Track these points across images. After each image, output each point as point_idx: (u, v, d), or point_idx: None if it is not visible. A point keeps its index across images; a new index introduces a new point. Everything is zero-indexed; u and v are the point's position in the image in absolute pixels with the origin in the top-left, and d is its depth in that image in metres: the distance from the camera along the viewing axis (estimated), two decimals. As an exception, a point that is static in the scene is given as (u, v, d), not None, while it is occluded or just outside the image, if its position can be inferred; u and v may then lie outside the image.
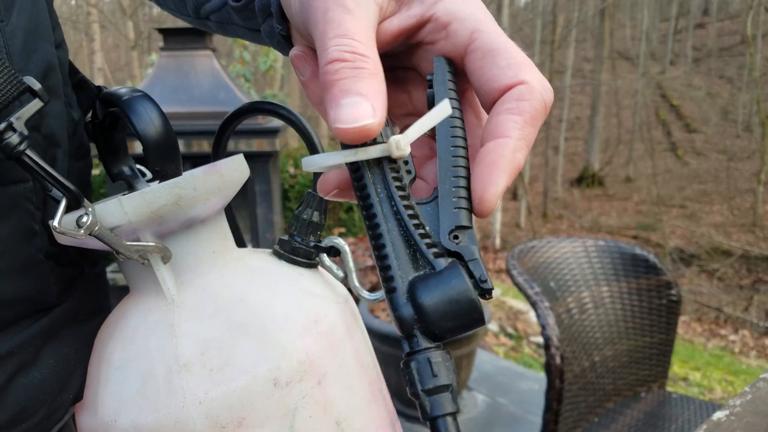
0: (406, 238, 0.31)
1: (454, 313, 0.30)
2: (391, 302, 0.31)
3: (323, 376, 0.41)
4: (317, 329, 0.42)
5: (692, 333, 7.40)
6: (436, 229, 0.31)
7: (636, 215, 19.35)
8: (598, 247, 1.94)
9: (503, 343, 4.36)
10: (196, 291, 0.43)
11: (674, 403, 1.87)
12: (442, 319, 0.30)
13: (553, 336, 1.51)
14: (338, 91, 0.29)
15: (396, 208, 0.31)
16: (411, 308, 0.30)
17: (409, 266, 0.31)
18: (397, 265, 0.31)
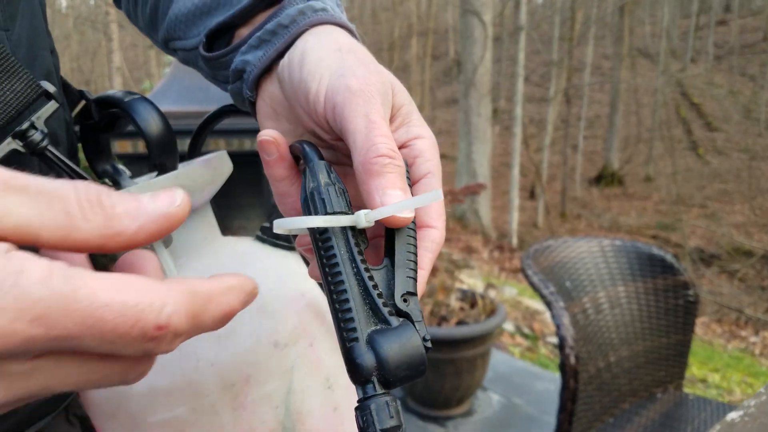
0: (363, 296, 0.35)
1: (408, 365, 0.34)
2: (353, 351, 0.34)
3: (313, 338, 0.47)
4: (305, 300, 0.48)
5: (712, 334, 7.33)
6: (388, 292, 0.36)
7: (656, 215, 19.20)
8: (614, 247, 1.93)
9: (519, 343, 4.34)
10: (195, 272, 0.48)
11: (691, 405, 1.85)
12: (398, 369, 0.33)
13: (568, 336, 1.50)
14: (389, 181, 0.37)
15: (357, 269, 0.36)
16: (372, 357, 0.34)
17: (366, 321, 0.35)
18: (357, 320, 0.34)
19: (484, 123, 11.32)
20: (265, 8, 0.48)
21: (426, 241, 0.40)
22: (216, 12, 0.50)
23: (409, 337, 0.34)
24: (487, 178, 11.71)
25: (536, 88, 27.83)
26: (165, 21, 0.55)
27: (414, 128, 0.43)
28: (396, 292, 0.36)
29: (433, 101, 24.86)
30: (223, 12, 0.49)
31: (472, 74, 10.99)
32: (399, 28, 20.40)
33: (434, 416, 2.87)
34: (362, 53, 0.45)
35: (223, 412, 0.49)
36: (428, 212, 0.41)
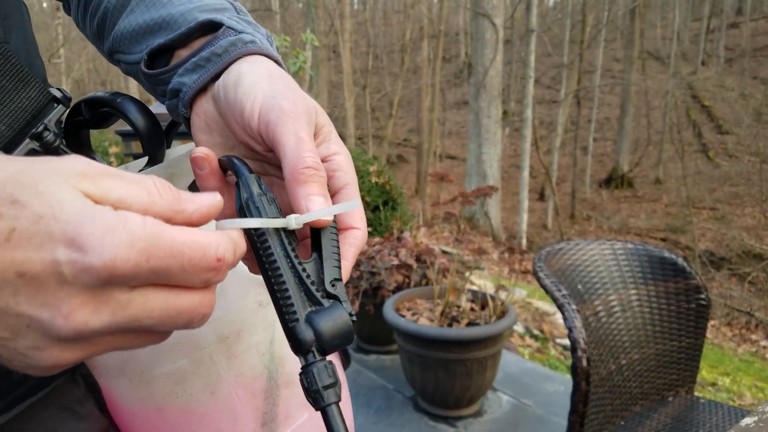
0: (299, 284, 0.42)
1: (340, 335, 0.42)
2: (294, 329, 0.41)
3: None
4: None
5: (722, 338, 7.30)
6: (318, 279, 0.43)
7: (665, 217, 19.13)
8: (626, 250, 1.93)
9: (529, 344, 4.34)
10: None
11: (702, 408, 1.85)
12: (332, 339, 0.41)
13: (580, 339, 1.50)
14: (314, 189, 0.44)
15: (291, 263, 0.42)
16: (311, 332, 0.41)
17: (303, 304, 0.42)
18: (296, 303, 0.41)
19: (494, 125, 11.32)
20: (202, 35, 0.55)
21: (350, 238, 0.48)
22: (158, 33, 0.56)
23: (339, 314, 0.42)
24: (497, 179, 11.71)
25: (547, 90, 27.79)
26: (111, 35, 0.61)
27: (333, 145, 0.50)
28: (325, 279, 0.44)
29: (443, 103, 24.86)
30: (165, 35, 0.56)
31: (482, 76, 10.99)
32: (410, 30, 20.39)
33: (444, 416, 2.88)
34: (290, 81, 0.51)
35: (219, 361, 0.60)
36: (352, 216, 0.49)
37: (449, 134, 27.57)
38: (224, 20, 0.54)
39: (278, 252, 0.42)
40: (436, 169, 20.12)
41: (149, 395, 0.60)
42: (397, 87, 20.08)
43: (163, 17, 0.56)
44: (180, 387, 0.59)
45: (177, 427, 0.61)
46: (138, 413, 0.61)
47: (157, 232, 0.33)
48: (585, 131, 22.27)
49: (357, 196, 0.49)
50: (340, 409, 0.41)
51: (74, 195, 0.32)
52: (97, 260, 0.30)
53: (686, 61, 28.70)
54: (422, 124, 19.37)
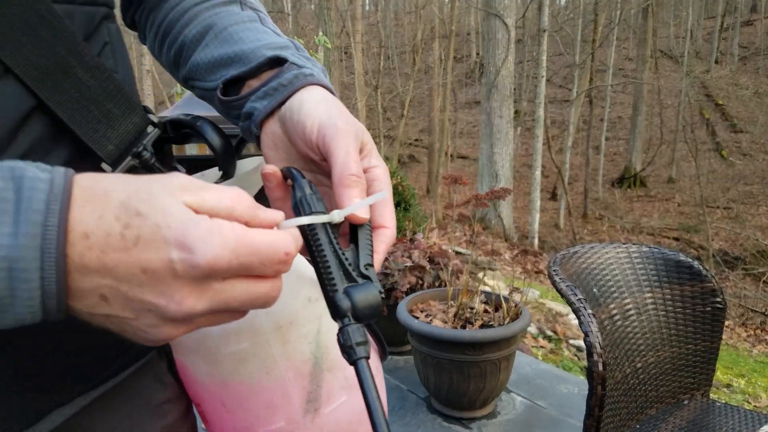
0: (339, 265, 0.52)
1: (370, 307, 0.50)
2: (334, 297, 0.50)
3: None
4: None
5: (736, 338, 7.26)
6: (355, 263, 0.53)
7: (679, 217, 19.02)
8: (641, 253, 1.93)
9: (542, 345, 4.33)
10: None
11: (718, 412, 1.85)
12: (364, 309, 0.50)
13: (596, 343, 1.50)
14: (355, 192, 0.54)
15: (334, 249, 0.52)
16: (348, 301, 0.50)
17: (342, 281, 0.51)
18: (337, 279, 0.51)
19: (506, 125, 11.29)
20: (270, 69, 0.66)
21: (381, 236, 0.57)
22: (231, 66, 0.67)
23: (370, 289, 0.51)
24: (509, 179, 11.68)
25: (559, 89, 27.68)
26: (187, 65, 0.71)
27: (374, 160, 0.60)
28: (360, 263, 0.53)
29: (454, 103, 24.82)
30: (237, 67, 0.66)
31: (494, 76, 10.97)
32: (422, 31, 20.36)
33: (458, 417, 2.88)
34: (341, 106, 0.62)
35: (274, 346, 0.72)
36: (384, 217, 0.58)
37: (461, 134, 27.54)
38: (288, 57, 0.65)
39: (324, 240, 0.52)
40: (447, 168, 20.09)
41: (217, 371, 0.74)
42: (409, 87, 20.08)
43: (235, 53, 0.67)
44: (242, 366, 0.72)
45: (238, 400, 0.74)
46: (207, 386, 0.76)
47: (242, 235, 0.42)
48: (597, 130, 22.17)
49: (390, 200, 0.59)
50: (369, 365, 0.48)
51: (179, 207, 0.41)
52: (201, 258, 0.40)
53: (700, 59, 28.52)
54: (433, 124, 19.38)
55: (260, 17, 0.73)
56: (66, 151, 0.57)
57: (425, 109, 25.92)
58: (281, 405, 0.74)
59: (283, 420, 0.74)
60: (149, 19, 0.78)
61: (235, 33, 0.69)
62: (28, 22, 0.53)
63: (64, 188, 0.40)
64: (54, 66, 0.55)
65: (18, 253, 0.38)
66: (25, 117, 0.53)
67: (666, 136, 23.11)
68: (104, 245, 0.40)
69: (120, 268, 0.40)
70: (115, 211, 0.40)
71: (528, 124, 22.16)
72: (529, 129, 20.78)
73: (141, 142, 0.62)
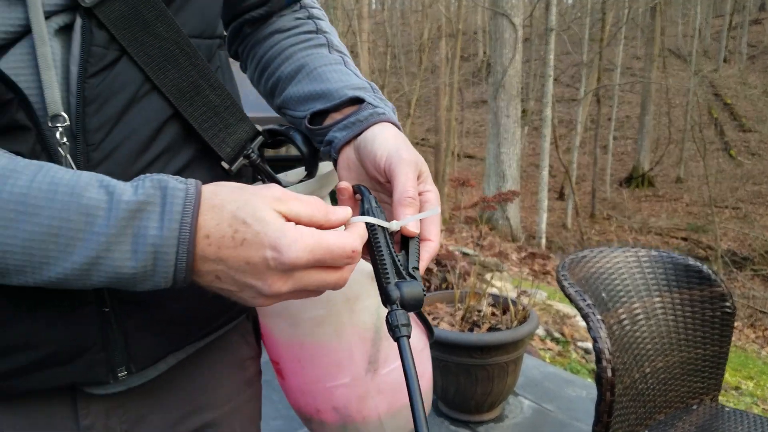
0: (392, 264, 0.64)
1: (415, 300, 0.62)
2: (387, 288, 0.62)
3: None
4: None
5: (745, 340, 7.22)
6: (405, 265, 0.65)
7: (687, 217, 18.95)
8: (650, 258, 1.92)
9: (550, 347, 4.32)
10: None
11: (727, 417, 1.84)
12: (409, 300, 0.61)
13: (605, 349, 1.50)
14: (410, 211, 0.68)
15: (390, 251, 0.64)
16: (397, 292, 0.61)
17: (393, 276, 0.63)
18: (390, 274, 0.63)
19: (513, 124, 11.27)
20: (350, 105, 0.81)
21: (427, 247, 0.70)
22: (318, 101, 0.82)
23: (416, 286, 0.63)
24: (516, 179, 11.66)
25: (566, 88, 27.61)
26: (281, 96, 0.87)
27: (428, 185, 0.74)
28: (409, 266, 0.65)
29: (461, 102, 24.77)
30: (323, 102, 0.82)
31: (501, 76, 10.95)
32: (428, 30, 20.34)
33: (465, 421, 2.88)
34: (406, 140, 0.77)
35: (344, 314, 0.86)
36: (430, 233, 0.71)
37: (467, 133, 27.49)
38: (366, 98, 0.80)
39: (383, 242, 0.64)
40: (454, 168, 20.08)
41: (296, 333, 0.89)
42: (415, 86, 20.07)
43: (323, 90, 0.82)
44: (318, 329, 0.87)
45: (312, 358, 0.89)
46: (287, 345, 0.91)
47: (318, 238, 0.56)
48: (605, 130, 22.10)
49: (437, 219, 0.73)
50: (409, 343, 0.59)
51: (273, 216, 0.56)
52: (287, 258, 0.54)
53: (708, 58, 28.41)
54: (440, 123, 19.34)
55: (344, 60, 0.88)
56: (192, 150, 0.73)
57: (432, 109, 25.89)
58: (347, 364, 0.88)
59: (348, 377, 0.89)
60: (251, 53, 0.94)
61: (324, 73, 0.84)
62: (172, 53, 0.68)
63: (195, 197, 0.55)
64: (189, 86, 0.70)
65: (162, 242, 0.54)
66: (163, 123, 0.69)
67: (674, 135, 23.02)
68: (220, 243, 0.55)
69: (230, 260, 0.56)
70: (228, 220, 0.55)
71: (535, 123, 22.10)
72: (537, 128, 20.72)
73: (250, 146, 0.79)
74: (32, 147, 0.60)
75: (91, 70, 0.62)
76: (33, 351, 0.63)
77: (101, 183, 0.55)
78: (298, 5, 0.94)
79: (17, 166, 0.53)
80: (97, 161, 0.63)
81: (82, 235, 0.53)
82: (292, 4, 0.93)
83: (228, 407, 0.86)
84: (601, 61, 19.53)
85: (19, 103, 0.58)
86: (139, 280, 0.55)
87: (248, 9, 0.89)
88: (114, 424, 0.73)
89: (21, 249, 0.52)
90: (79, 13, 0.61)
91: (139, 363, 0.71)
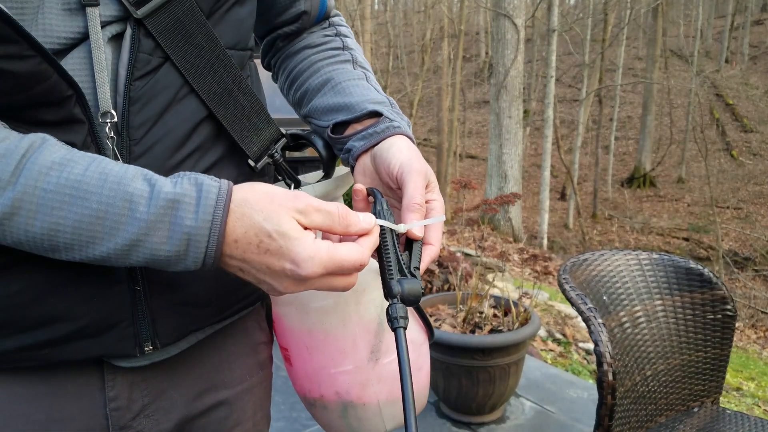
0: (397, 262, 0.70)
1: (413, 296, 0.68)
2: (390, 282, 0.68)
3: None
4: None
5: (746, 340, 7.22)
6: (407, 263, 0.71)
7: (688, 217, 18.93)
8: (651, 261, 1.92)
9: (551, 348, 4.32)
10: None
11: (728, 420, 1.84)
12: (409, 295, 0.67)
13: (606, 353, 1.50)
14: (416, 216, 0.75)
15: (396, 250, 0.71)
16: (399, 287, 0.67)
17: (397, 273, 0.69)
18: (394, 271, 0.69)
19: (515, 125, 11.26)
20: (369, 118, 0.88)
21: (428, 250, 0.77)
22: (340, 112, 0.90)
23: (415, 283, 0.68)
24: (518, 179, 11.65)
25: (568, 89, 27.59)
26: (308, 107, 0.96)
27: (434, 194, 0.81)
28: (411, 265, 0.72)
29: (463, 102, 24.77)
30: (345, 114, 0.89)
31: (503, 77, 10.94)
32: (431, 30, 20.33)
33: (467, 422, 2.88)
34: (418, 152, 0.84)
35: (350, 305, 0.91)
36: (433, 238, 0.78)
37: (469, 134, 27.49)
38: (384, 111, 0.87)
39: (390, 242, 0.71)
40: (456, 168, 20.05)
41: (305, 320, 0.94)
42: (418, 87, 20.07)
43: (345, 103, 0.90)
44: (325, 317, 0.92)
45: (318, 345, 0.94)
46: (296, 332, 0.96)
47: (332, 255, 0.62)
48: (607, 130, 22.09)
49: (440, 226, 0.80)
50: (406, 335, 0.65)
51: (296, 231, 0.62)
52: (303, 272, 0.61)
53: (710, 59, 28.37)
54: (442, 123, 19.33)
55: (366, 76, 0.96)
56: (222, 148, 0.80)
57: (434, 109, 25.90)
58: (351, 352, 0.93)
59: (351, 364, 0.93)
60: (283, 65, 1.03)
61: (347, 87, 0.92)
62: (210, 61, 0.76)
63: (227, 194, 0.62)
64: (222, 90, 0.78)
65: (196, 231, 0.60)
66: (198, 123, 0.76)
67: (676, 135, 23.01)
68: (246, 249, 0.62)
69: (254, 262, 0.63)
70: (255, 230, 0.62)
71: (537, 123, 22.09)
72: (539, 129, 20.71)
73: (274, 147, 0.86)
74: (84, 139, 0.67)
75: (137, 73, 0.70)
76: (69, 323, 0.69)
77: (145, 176, 0.61)
78: (327, 23, 1.03)
79: (74, 157, 0.60)
80: (137, 154, 0.70)
81: (125, 220, 0.59)
82: (322, 21, 1.02)
83: (241, 387, 0.93)
84: (602, 61, 19.53)
85: (77, 100, 0.65)
86: (172, 263, 0.62)
87: (282, 25, 0.98)
88: (137, 396, 0.79)
89: (71, 229, 0.59)
90: (130, 23, 0.69)
91: (164, 339, 0.77)
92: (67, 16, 0.65)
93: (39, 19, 0.64)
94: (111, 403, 0.77)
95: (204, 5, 0.75)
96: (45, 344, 0.69)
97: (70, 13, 0.65)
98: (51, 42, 0.64)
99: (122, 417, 0.78)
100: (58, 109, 0.64)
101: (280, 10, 0.96)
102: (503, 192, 10.92)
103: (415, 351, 0.98)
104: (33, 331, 0.68)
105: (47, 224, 0.58)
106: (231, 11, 0.80)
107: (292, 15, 0.96)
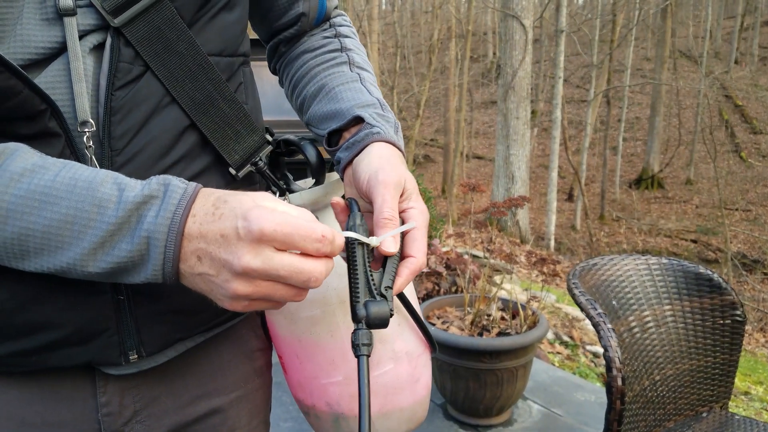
0: (366, 283, 0.66)
1: (380, 319, 0.64)
2: (356, 306, 0.65)
3: None
4: None
5: (755, 344, 7.18)
6: (378, 283, 0.67)
7: (696, 219, 18.86)
8: (661, 266, 1.92)
9: (558, 351, 4.31)
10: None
11: (737, 425, 1.84)
12: (375, 319, 0.64)
13: (616, 358, 1.50)
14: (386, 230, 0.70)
15: (365, 269, 0.67)
16: (364, 311, 0.64)
17: (365, 294, 0.66)
18: (361, 293, 0.66)
19: (523, 126, 11.23)
20: (355, 124, 0.85)
21: (408, 263, 0.72)
22: (333, 121, 0.87)
23: (383, 307, 0.65)
24: (525, 180, 11.62)
25: (576, 89, 27.52)
26: (307, 114, 0.94)
27: (412, 203, 0.76)
28: (382, 285, 0.67)
29: (470, 103, 24.75)
30: (337, 122, 0.86)
31: (511, 78, 10.92)
32: (438, 30, 20.31)
33: (474, 425, 2.89)
34: (393, 159, 0.79)
35: (338, 315, 0.89)
36: (412, 248, 0.73)
37: (476, 134, 27.46)
38: (365, 117, 0.84)
39: (359, 261, 0.67)
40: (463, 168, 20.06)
41: (295, 330, 0.92)
42: (425, 87, 20.06)
43: (336, 110, 0.88)
44: (313, 327, 0.91)
45: (308, 354, 0.93)
46: (287, 340, 0.95)
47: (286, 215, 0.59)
48: (615, 131, 22.03)
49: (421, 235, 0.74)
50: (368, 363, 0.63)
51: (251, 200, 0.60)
52: (255, 226, 0.57)
53: (719, 60, 28.26)
54: (449, 124, 19.34)
55: (360, 77, 0.93)
56: (209, 157, 0.80)
57: (441, 109, 25.86)
58: (340, 363, 0.91)
59: (341, 375, 0.92)
60: (285, 71, 1.01)
61: (339, 93, 0.89)
62: (190, 68, 0.75)
63: (192, 194, 0.61)
64: (203, 98, 0.77)
65: (155, 228, 0.59)
66: (182, 132, 0.75)
67: (684, 137, 22.92)
68: (202, 220, 0.60)
69: (209, 234, 0.59)
70: (213, 201, 0.61)
71: (545, 124, 22.05)
72: (546, 129, 20.68)
73: (258, 155, 0.85)
74: (61, 151, 0.67)
75: (118, 83, 0.70)
76: (54, 331, 0.70)
77: (115, 180, 0.62)
78: (327, 24, 1.01)
79: (46, 163, 0.61)
80: (120, 164, 0.70)
81: (93, 224, 0.60)
82: (322, 23, 1.00)
83: (236, 394, 0.92)
84: (611, 62, 19.48)
85: (52, 113, 0.65)
86: (134, 266, 0.61)
87: (282, 28, 0.97)
88: (128, 402, 0.79)
89: (41, 234, 0.60)
90: (110, 33, 0.69)
91: (149, 348, 0.76)
92: (45, 26, 0.65)
93: (18, 30, 0.64)
94: (103, 409, 0.78)
95: (185, 13, 0.75)
96: (32, 351, 0.70)
97: (48, 23, 0.66)
98: (29, 52, 0.65)
99: (114, 422, 0.79)
100: (32, 123, 0.65)
101: (279, 14, 0.95)
102: (510, 193, 10.91)
103: (413, 362, 0.95)
104: (20, 339, 0.69)
105: (17, 228, 0.59)
106: (217, 17, 0.80)
107: (290, 18, 0.95)
